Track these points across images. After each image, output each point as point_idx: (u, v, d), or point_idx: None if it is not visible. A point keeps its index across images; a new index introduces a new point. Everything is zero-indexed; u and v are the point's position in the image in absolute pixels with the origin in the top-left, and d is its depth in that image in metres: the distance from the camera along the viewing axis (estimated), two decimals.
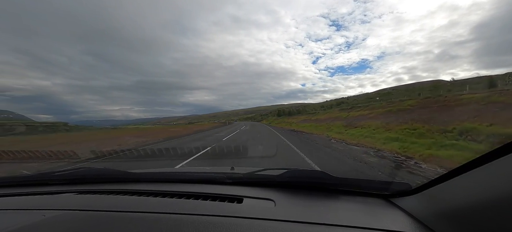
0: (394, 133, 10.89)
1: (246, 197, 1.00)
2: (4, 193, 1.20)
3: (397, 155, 6.73)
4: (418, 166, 5.24)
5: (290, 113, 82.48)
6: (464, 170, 0.63)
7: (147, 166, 5.85)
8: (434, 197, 0.76)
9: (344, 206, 0.96)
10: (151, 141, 13.54)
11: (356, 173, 4.66)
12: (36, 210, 0.92)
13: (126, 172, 1.35)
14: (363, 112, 22.45)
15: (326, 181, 1.07)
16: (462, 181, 0.65)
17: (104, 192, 1.14)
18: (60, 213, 0.87)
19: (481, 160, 0.58)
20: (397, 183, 0.98)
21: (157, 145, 10.76)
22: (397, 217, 0.84)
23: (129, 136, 18.67)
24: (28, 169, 5.97)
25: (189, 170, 1.85)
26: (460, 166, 0.65)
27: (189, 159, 6.49)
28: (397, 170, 4.56)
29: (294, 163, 5.78)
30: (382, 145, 8.65)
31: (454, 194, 0.66)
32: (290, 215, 0.82)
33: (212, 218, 0.80)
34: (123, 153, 8.27)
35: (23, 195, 1.19)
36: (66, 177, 1.35)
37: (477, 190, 0.58)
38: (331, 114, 32.08)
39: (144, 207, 0.91)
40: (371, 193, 1.02)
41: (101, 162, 7.02)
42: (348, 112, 27.48)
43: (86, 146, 11.00)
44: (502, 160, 0.53)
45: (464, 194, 0.63)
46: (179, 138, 14.77)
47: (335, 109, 41.01)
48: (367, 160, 5.99)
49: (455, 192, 0.66)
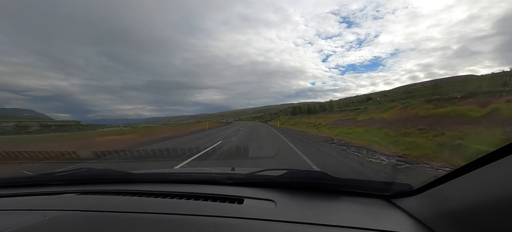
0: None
1: (246, 198, 1.00)
2: (5, 193, 1.21)
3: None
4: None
5: (310, 110, 50.64)
6: (466, 171, 0.63)
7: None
8: (435, 198, 0.76)
9: (345, 206, 0.96)
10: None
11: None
12: (37, 211, 0.92)
13: (127, 172, 1.35)
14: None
15: (326, 182, 1.07)
16: (464, 182, 0.64)
17: (105, 193, 1.14)
18: (61, 214, 0.88)
19: (483, 160, 0.58)
20: (398, 183, 0.98)
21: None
22: (398, 218, 0.84)
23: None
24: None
25: (190, 170, 1.82)
26: (462, 166, 0.65)
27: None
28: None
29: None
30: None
31: (455, 195, 0.66)
32: (291, 216, 0.82)
33: (213, 218, 0.80)
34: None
35: (24, 195, 1.19)
36: (67, 178, 1.36)
37: (479, 191, 0.58)
38: (391, 113, 16.98)
39: (145, 208, 0.91)
40: (372, 194, 1.02)
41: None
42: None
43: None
44: (505, 160, 0.53)
45: (466, 195, 0.62)
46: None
47: (372, 107, 24.80)
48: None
49: (456, 193, 0.66)
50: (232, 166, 1.55)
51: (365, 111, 22.80)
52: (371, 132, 13.67)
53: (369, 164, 5.62)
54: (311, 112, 46.60)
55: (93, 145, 11.26)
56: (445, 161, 5.74)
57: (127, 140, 14.82)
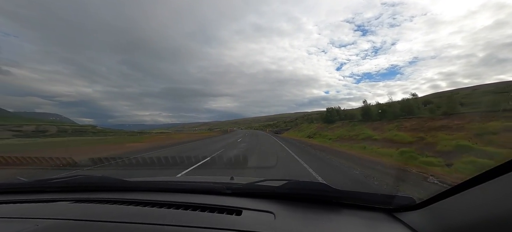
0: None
1: (245, 209, 0.98)
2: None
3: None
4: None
5: (367, 114, 20.18)
6: (470, 186, 0.62)
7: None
8: (438, 212, 0.75)
9: (345, 220, 0.94)
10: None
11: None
12: (29, 219, 0.90)
13: (124, 180, 1.34)
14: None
15: (327, 194, 1.04)
16: (467, 197, 0.64)
17: (100, 201, 1.11)
18: (54, 223, 0.85)
19: (486, 175, 0.57)
20: (400, 197, 0.96)
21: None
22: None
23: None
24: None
25: (188, 179, 1.78)
26: (465, 181, 0.64)
27: None
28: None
29: None
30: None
31: (459, 210, 0.66)
32: (290, 229, 0.81)
33: (210, 230, 0.78)
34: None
35: (17, 202, 1.16)
36: (62, 185, 1.33)
37: (482, 206, 0.57)
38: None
39: (140, 218, 0.89)
40: (374, 207, 0.99)
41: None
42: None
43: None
44: (509, 176, 0.52)
45: (469, 211, 0.62)
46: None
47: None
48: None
49: (460, 208, 0.66)
50: (231, 176, 1.53)
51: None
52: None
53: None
54: (368, 119, 19.99)
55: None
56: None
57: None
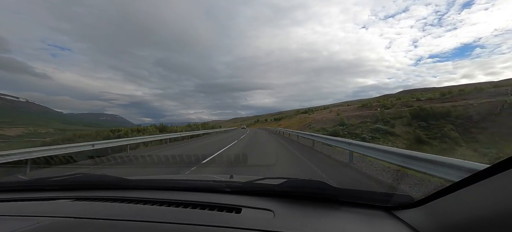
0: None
1: (244, 207, 0.99)
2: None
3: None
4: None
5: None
6: (468, 183, 0.63)
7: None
8: (437, 210, 0.75)
9: (344, 217, 0.94)
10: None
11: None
12: (30, 217, 0.90)
13: (124, 179, 1.33)
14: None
15: (326, 192, 1.05)
16: (466, 195, 0.64)
17: (100, 199, 1.12)
18: (55, 220, 0.86)
19: (485, 173, 0.58)
20: (399, 195, 0.97)
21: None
22: (399, 230, 0.82)
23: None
24: None
25: (188, 177, 1.75)
26: (464, 179, 0.64)
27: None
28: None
29: None
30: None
31: (457, 208, 0.66)
32: (289, 227, 0.81)
33: (209, 228, 0.79)
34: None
35: (18, 200, 1.17)
36: (62, 183, 1.34)
37: (482, 204, 0.58)
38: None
39: (140, 216, 0.90)
40: (373, 205, 1.00)
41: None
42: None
43: None
44: (508, 173, 0.53)
45: (468, 208, 0.62)
46: None
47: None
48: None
49: (459, 205, 0.66)
50: (231, 174, 1.54)
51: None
52: None
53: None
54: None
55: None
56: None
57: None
